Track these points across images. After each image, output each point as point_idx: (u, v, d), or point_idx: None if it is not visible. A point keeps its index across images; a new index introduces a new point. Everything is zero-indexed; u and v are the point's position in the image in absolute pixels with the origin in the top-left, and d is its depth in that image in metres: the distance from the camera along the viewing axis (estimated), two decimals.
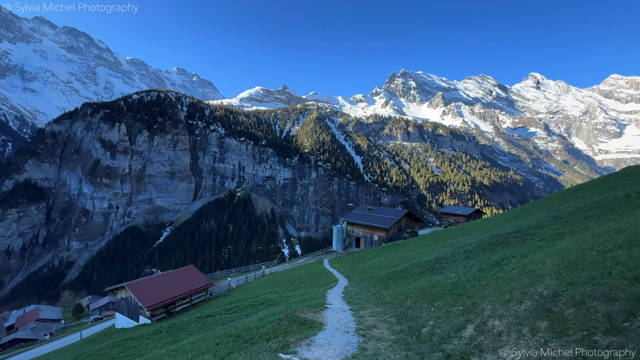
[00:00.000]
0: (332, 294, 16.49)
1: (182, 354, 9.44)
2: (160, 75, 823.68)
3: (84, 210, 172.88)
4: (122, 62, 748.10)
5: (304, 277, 30.08)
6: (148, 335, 17.94)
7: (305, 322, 9.59)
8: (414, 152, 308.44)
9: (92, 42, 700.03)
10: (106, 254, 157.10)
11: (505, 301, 5.76)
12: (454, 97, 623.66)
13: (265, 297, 21.55)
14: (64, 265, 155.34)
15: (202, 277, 35.33)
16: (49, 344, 42.64)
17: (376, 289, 15.44)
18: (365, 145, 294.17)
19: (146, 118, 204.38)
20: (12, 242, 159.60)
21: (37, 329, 65.25)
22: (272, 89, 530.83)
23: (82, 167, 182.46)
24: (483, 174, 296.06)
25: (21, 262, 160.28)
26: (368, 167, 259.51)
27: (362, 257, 35.20)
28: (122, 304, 32.16)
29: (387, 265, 22.45)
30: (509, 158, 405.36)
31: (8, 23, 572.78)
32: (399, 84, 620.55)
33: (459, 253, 16.14)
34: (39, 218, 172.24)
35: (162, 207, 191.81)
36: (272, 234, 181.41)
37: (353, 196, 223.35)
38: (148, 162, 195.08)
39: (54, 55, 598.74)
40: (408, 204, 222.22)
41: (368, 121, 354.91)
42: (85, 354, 18.02)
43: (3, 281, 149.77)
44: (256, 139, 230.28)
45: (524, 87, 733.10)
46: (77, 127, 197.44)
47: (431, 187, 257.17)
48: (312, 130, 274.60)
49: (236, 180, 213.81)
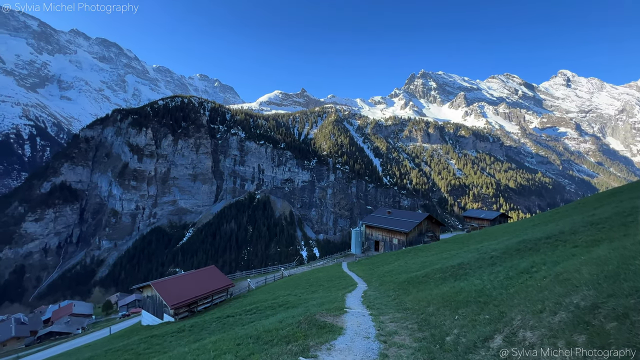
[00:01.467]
0: (351, 297, 16.31)
1: (205, 353, 9.63)
2: (184, 82, 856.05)
3: (113, 211, 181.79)
4: (148, 70, 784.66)
5: (322, 280, 30.00)
6: (172, 333, 18.50)
7: (324, 326, 9.53)
8: (435, 154, 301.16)
9: (121, 51, 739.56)
10: (133, 253, 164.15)
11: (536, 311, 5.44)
12: (476, 97, 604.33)
13: (284, 299, 21.66)
14: (95, 263, 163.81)
15: (223, 277, 36.06)
16: (81, 338, 45.03)
17: (396, 294, 15.13)
18: (384, 148, 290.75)
19: (171, 123, 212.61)
20: (49, 240, 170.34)
21: (71, 323, 69.04)
22: (291, 93, 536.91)
23: (112, 170, 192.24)
24: (508, 177, 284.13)
25: (57, 259, 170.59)
26: (387, 170, 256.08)
27: (381, 261, 34.66)
28: (147, 301, 33.41)
29: (408, 270, 21.96)
30: (537, 160, 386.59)
31: (47, 36, 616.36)
32: (419, 85, 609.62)
33: (484, 259, 15.51)
34: (73, 218, 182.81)
35: (185, 208, 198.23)
36: (290, 236, 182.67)
37: (372, 199, 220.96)
38: (172, 165, 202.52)
39: (88, 65, 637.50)
40: (428, 207, 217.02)
41: (387, 123, 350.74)
42: (114, 348, 18.83)
43: (41, 277, 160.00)
44: (275, 142, 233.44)
45: (553, 85, 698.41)
46: (107, 132, 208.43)
47: (453, 190, 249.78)
48: (330, 133, 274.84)
49: (256, 183, 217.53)
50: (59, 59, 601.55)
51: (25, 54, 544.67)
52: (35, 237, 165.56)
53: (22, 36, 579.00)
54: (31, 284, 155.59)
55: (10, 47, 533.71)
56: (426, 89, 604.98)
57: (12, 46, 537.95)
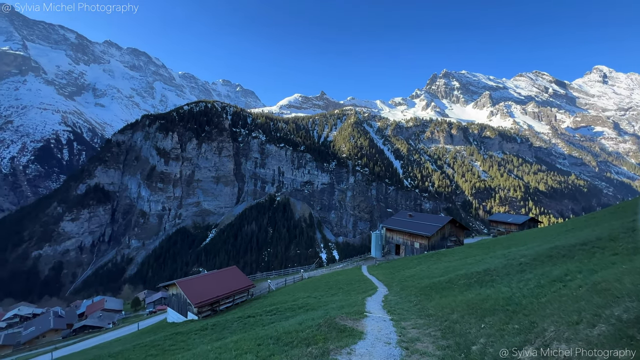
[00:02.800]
0: (371, 302, 16.09)
1: (226, 352, 9.81)
2: (208, 87, 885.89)
3: (141, 212, 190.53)
4: (175, 76, 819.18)
5: (342, 283, 29.81)
6: (195, 331, 19.04)
7: (344, 330, 9.45)
8: (458, 155, 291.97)
9: (150, 60, 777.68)
10: (159, 252, 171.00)
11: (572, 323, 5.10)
12: (502, 96, 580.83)
13: (303, 301, 21.71)
14: (124, 261, 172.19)
15: (244, 278, 36.72)
16: (112, 332, 47.38)
17: (418, 299, 14.74)
18: (404, 149, 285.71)
19: (195, 127, 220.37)
20: (84, 239, 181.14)
21: (103, 318, 72.85)
22: (310, 96, 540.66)
23: (140, 172, 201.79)
24: (538, 179, 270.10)
25: (91, 257, 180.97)
26: (408, 172, 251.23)
27: (402, 265, 33.95)
28: (173, 299, 34.63)
29: (430, 275, 21.36)
30: (570, 161, 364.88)
31: (84, 48, 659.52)
32: (441, 85, 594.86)
33: (512, 265, 14.79)
34: (105, 218, 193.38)
35: (208, 210, 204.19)
36: (310, 239, 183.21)
37: (392, 202, 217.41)
38: (196, 168, 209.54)
39: (120, 73, 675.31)
40: (452, 211, 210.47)
41: (408, 124, 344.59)
42: (142, 344, 19.64)
43: (76, 273, 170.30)
44: (295, 144, 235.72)
45: (587, 82, 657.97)
46: (137, 136, 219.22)
47: (478, 193, 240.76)
48: (350, 135, 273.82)
49: (276, 185, 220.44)
50: (94, 68, 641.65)
51: (64, 64, 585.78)
52: (71, 235, 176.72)
53: (62, 48, 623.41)
54: (68, 279, 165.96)
55: (52, 58, 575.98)
56: (449, 89, 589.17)
57: (52, 58, 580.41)
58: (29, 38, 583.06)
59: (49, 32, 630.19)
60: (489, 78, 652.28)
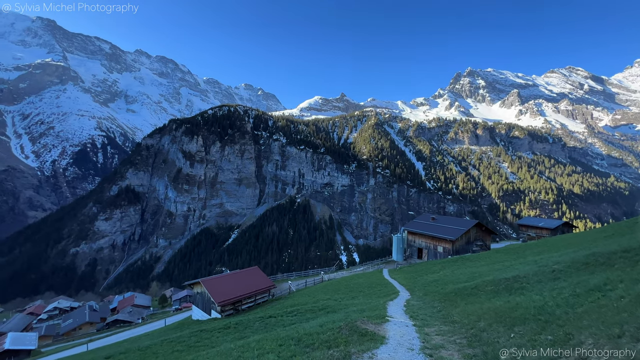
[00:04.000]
0: (392, 306, 15.81)
1: (249, 351, 10.00)
2: (231, 92, 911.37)
3: (168, 212, 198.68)
4: (199, 82, 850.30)
5: (362, 286, 29.52)
6: (219, 329, 19.55)
7: (366, 334, 9.35)
8: (484, 156, 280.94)
9: (177, 67, 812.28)
10: (185, 251, 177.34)
11: (613, 336, 4.76)
12: (532, 94, 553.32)
13: (324, 304, 21.71)
14: (153, 259, 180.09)
15: (265, 278, 37.27)
16: (141, 327, 49.63)
17: (442, 305, 14.31)
18: (427, 151, 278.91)
19: (219, 130, 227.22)
20: (116, 237, 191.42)
21: (133, 313, 76.50)
22: (331, 98, 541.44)
23: (167, 174, 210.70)
24: (572, 181, 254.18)
25: (122, 255, 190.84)
26: (431, 174, 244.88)
27: (425, 269, 33.09)
28: (197, 297, 35.77)
29: (455, 281, 20.67)
30: (609, 162, 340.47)
31: (117, 57, 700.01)
32: (465, 84, 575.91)
33: (544, 272, 14.01)
34: (135, 218, 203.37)
35: (230, 211, 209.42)
36: (330, 241, 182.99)
37: (414, 204, 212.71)
38: (220, 170, 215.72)
39: (149, 80, 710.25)
40: (477, 214, 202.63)
41: (430, 125, 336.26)
42: (169, 339, 20.44)
43: (109, 270, 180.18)
44: (315, 146, 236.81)
45: (628, 77, 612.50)
46: (164, 140, 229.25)
47: (505, 196, 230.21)
48: (370, 137, 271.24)
49: (296, 187, 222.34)
50: (126, 76, 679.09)
51: (99, 73, 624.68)
52: (105, 234, 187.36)
53: (97, 58, 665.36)
54: (101, 275, 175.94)
55: (88, 68, 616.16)
56: (473, 88, 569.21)
57: (89, 67, 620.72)
58: (69, 49, 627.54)
59: (86, 43, 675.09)
60: (517, 75, 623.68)
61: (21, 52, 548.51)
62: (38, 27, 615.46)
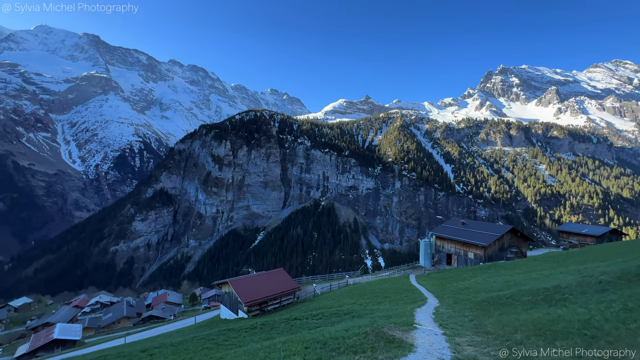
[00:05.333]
0: (420, 313, 15.33)
1: (275, 352, 10.12)
2: (257, 97, 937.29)
3: (198, 214, 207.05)
4: (228, 88, 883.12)
5: (388, 291, 28.91)
6: (246, 329, 19.99)
7: (393, 341, 9.13)
8: (519, 158, 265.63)
9: (207, 74, 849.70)
10: (214, 252, 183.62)
11: None
12: (573, 90, 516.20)
13: (349, 308, 21.51)
14: (184, 259, 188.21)
15: (290, 280, 37.62)
16: (173, 324, 51.94)
17: (474, 314, 13.64)
18: (456, 153, 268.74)
19: (245, 135, 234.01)
20: (151, 237, 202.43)
21: (165, 310, 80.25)
22: (355, 100, 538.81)
23: (198, 177, 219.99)
24: (621, 184, 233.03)
25: (156, 254, 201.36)
26: (460, 177, 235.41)
27: (454, 276, 31.76)
28: (225, 297, 36.85)
29: (488, 289, 19.65)
30: None
31: (152, 67, 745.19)
32: (497, 82, 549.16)
33: (590, 283, 12.94)
34: (168, 219, 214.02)
35: (257, 213, 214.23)
36: (354, 244, 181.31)
37: (442, 208, 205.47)
38: (246, 174, 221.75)
39: (181, 88, 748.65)
40: (512, 219, 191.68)
41: (459, 126, 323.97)
42: (199, 337, 21.21)
43: (145, 268, 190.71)
44: (339, 149, 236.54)
45: None
46: (195, 145, 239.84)
47: (543, 200, 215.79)
48: (396, 139, 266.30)
49: (320, 190, 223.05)
50: (161, 85, 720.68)
51: (137, 83, 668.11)
52: (141, 234, 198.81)
53: (135, 69, 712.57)
54: (137, 273, 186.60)
55: (127, 78, 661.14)
56: (506, 86, 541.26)
57: (128, 78, 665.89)
58: (110, 62, 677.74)
59: (125, 55, 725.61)
60: (555, 72, 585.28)
61: (70, 65, 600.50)
62: (84, 42, 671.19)
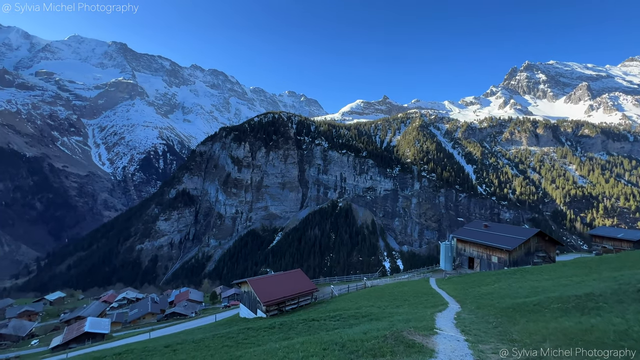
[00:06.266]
0: (441, 318, 14.92)
1: (294, 352, 10.17)
2: (275, 99, 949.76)
3: (219, 215, 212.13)
4: (247, 91, 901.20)
5: (408, 294, 28.36)
6: (264, 328, 20.24)
7: (413, 345, 8.95)
8: (546, 158, 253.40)
9: (227, 78, 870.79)
10: (233, 251, 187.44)
11: None
12: (606, 86, 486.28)
13: (367, 310, 21.30)
14: (204, 258, 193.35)
15: (308, 281, 37.73)
16: (194, 321, 53.44)
17: (498, 320, 13.11)
18: (478, 153, 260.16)
19: (264, 137, 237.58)
20: (174, 236, 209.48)
21: (187, 307, 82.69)
22: (373, 101, 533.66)
23: (218, 179, 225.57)
24: None
25: (179, 252, 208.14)
26: (482, 178, 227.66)
27: (477, 280, 30.71)
28: (244, 296, 37.49)
29: (513, 295, 18.86)
30: None
31: (175, 72, 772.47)
32: (522, 79, 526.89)
33: (626, 292, 12.12)
34: (190, 219, 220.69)
35: (275, 214, 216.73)
36: (372, 246, 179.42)
37: (464, 210, 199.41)
38: (265, 175, 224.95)
39: (202, 92, 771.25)
40: (539, 222, 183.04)
41: (481, 125, 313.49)
42: (219, 334, 21.70)
43: (168, 266, 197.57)
44: (357, 150, 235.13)
45: None
46: (215, 147, 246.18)
47: (573, 202, 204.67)
48: (415, 139, 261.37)
49: (338, 191, 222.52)
50: (183, 89, 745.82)
51: (161, 88, 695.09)
52: (164, 233, 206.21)
53: (159, 74, 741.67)
54: (161, 270, 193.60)
55: (152, 84, 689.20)
56: (532, 83, 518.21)
57: (153, 83, 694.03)
58: (137, 68, 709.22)
59: (150, 62, 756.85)
60: (586, 66, 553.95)
61: (100, 73, 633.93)
62: (113, 50, 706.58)
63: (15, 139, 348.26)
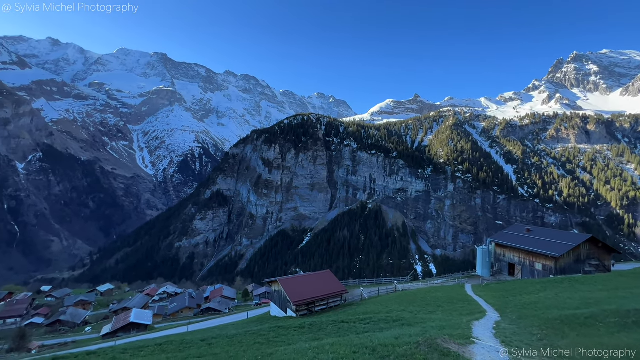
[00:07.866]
0: (479, 327, 14.13)
1: (324, 354, 10.17)
2: (304, 101, 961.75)
3: (250, 215, 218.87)
4: (277, 94, 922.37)
5: (441, 300, 27.23)
6: (295, 328, 20.49)
7: (448, 354, 8.56)
8: (599, 157, 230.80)
9: (258, 82, 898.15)
10: (264, 251, 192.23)
11: None
12: None
13: (398, 315, 20.76)
14: (237, 256, 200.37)
15: (337, 282, 37.60)
16: (228, 317, 55.50)
17: (544, 333, 12.14)
18: (518, 152, 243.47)
19: (293, 139, 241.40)
20: (209, 235, 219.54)
21: (221, 303, 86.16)
22: (403, 100, 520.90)
23: (250, 180, 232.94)
24: None
25: (213, 250, 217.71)
26: (524, 178, 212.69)
27: (519, 288, 28.70)
28: (275, 295, 38.25)
29: (561, 306, 17.37)
30: None
31: (210, 79, 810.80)
32: (570, 71, 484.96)
33: None
34: (224, 219, 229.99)
35: (304, 214, 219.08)
36: (403, 249, 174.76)
37: (502, 213, 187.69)
38: (294, 176, 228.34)
39: (235, 97, 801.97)
40: (590, 227, 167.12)
41: (522, 122, 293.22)
42: (251, 331, 22.34)
43: (204, 263, 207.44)
44: (387, 151, 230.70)
45: None
46: (247, 149, 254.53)
47: (632, 205, 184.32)
48: (448, 138, 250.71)
49: (367, 192, 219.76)
50: (217, 95, 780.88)
51: (197, 94, 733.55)
52: (200, 232, 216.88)
53: (195, 81, 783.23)
54: (197, 267, 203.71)
55: (189, 90, 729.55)
56: (581, 75, 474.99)
57: (190, 90, 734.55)
58: (175, 77, 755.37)
59: (187, 70, 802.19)
60: None
61: (143, 82, 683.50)
62: (154, 60, 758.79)
63: (72, 144, 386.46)
